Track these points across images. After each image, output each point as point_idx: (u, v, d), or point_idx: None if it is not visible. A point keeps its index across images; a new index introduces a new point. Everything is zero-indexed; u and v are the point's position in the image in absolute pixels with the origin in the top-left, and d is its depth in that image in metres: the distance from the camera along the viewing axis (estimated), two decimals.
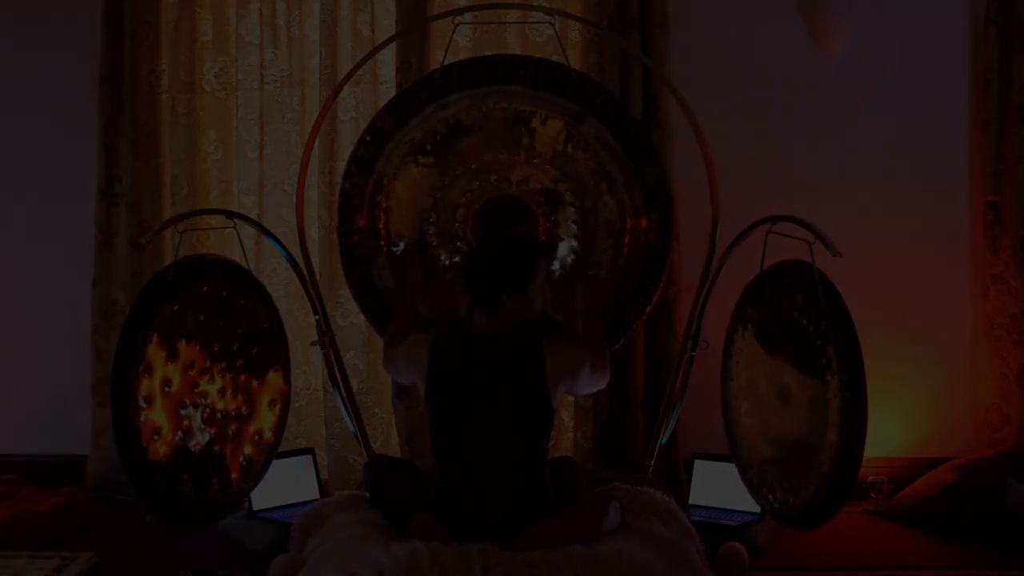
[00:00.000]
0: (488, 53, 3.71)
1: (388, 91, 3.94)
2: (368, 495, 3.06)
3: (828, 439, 2.89)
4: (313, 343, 3.55)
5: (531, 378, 2.85)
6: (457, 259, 3.45)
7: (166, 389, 3.08)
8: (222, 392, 3.23)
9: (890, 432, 3.94)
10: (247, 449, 3.29)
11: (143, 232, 3.93)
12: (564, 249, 3.46)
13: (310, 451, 3.71)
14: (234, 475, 3.25)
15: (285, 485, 3.56)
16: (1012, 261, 3.91)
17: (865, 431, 2.84)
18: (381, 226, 3.47)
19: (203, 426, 3.17)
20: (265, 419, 3.34)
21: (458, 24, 3.55)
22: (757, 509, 3.34)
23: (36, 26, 4.16)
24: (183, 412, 3.13)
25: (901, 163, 4.01)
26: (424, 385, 2.92)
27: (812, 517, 2.98)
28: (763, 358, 3.19)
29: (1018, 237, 3.90)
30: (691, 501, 3.56)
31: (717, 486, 3.54)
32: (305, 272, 3.54)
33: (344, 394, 3.54)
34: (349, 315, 3.95)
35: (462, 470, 2.85)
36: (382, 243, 3.47)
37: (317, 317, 3.53)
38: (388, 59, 3.97)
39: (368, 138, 3.46)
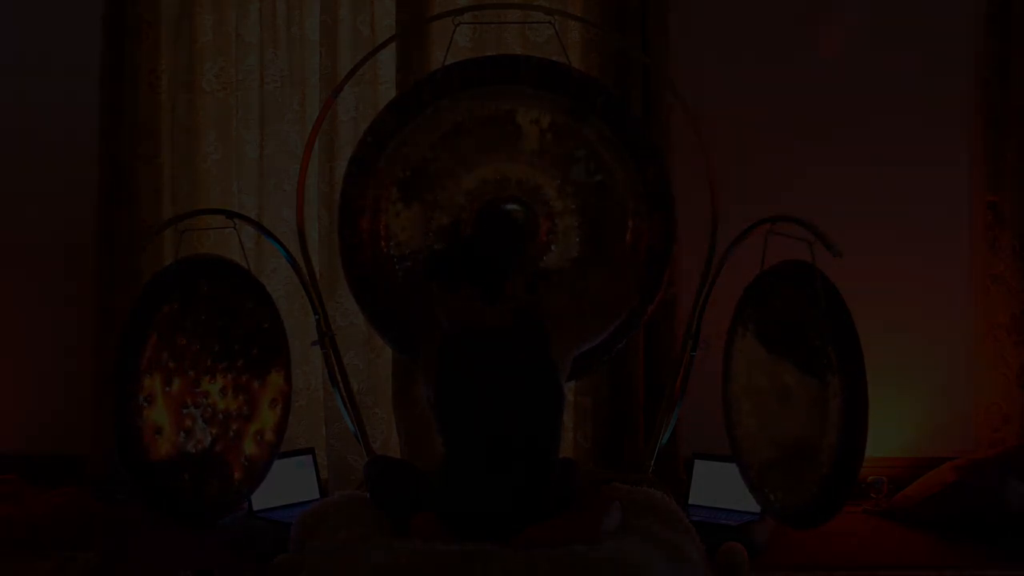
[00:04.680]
0: (488, 53, 3.71)
1: (388, 91, 3.95)
2: (368, 495, 3.06)
3: (829, 439, 2.89)
4: (313, 343, 3.55)
5: (542, 364, 2.88)
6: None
7: (167, 389, 3.08)
8: (223, 392, 3.23)
9: (890, 432, 3.94)
10: (248, 449, 3.29)
11: (143, 232, 3.93)
12: (568, 250, 3.46)
13: (310, 451, 3.71)
14: (236, 475, 3.25)
15: (285, 485, 3.55)
16: (1012, 261, 3.91)
17: (866, 431, 2.84)
18: (382, 227, 3.47)
19: (204, 426, 3.17)
20: (266, 419, 3.34)
21: (458, 24, 3.55)
22: (757, 509, 3.34)
23: (36, 26, 4.16)
24: (184, 412, 3.12)
25: (901, 163, 4.01)
26: (434, 388, 2.92)
27: (813, 517, 2.98)
28: (763, 358, 3.19)
29: (1018, 237, 3.90)
30: (691, 501, 3.56)
31: (717, 486, 3.54)
32: (305, 272, 3.54)
33: (344, 394, 3.54)
34: (349, 315, 3.95)
35: (480, 466, 2.85)
36: (383, 243, 3.46)
37: (317, 317, 3.53)
38: (388, 59, 3.96)
39: (369, 139, 3.46)
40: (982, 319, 3.99)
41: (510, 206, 3.43)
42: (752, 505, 3.33)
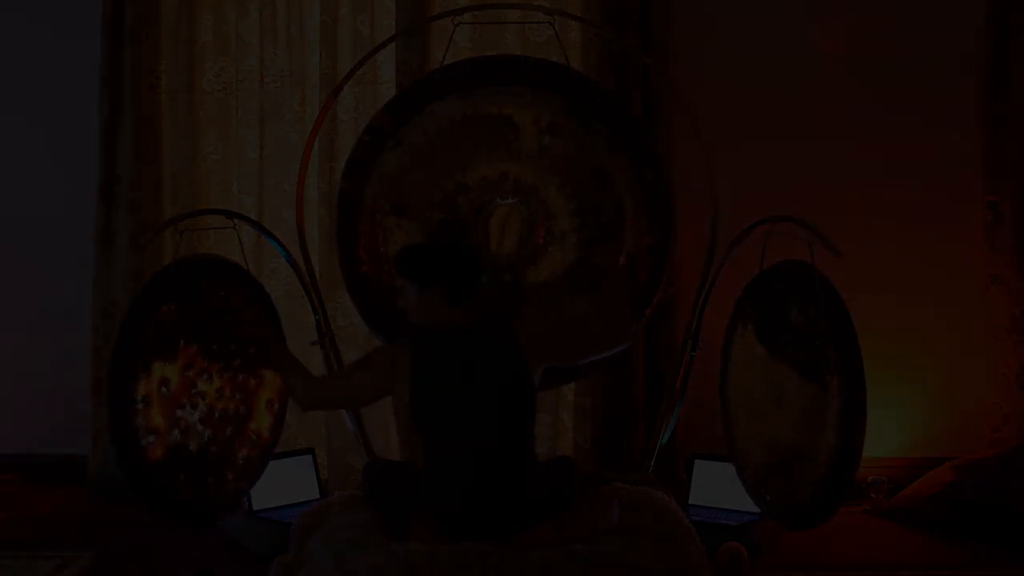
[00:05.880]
0: (488, 53, 3.71)
1: (388, 91, 3.94)
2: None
3: (827, 440, 2.89)
4: (313, 343, 3.55)
5: (513, 362, 2.88)
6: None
7: (163, 390, 3.08)
8: (220, 392, 3.22)
9: (890, 432, 3.94)
10: (244, 449, 3.28)
11: (143, 232, 3.93)
12: (567, 251, 3.47)
13: (310, 451, 3.71)
14: (231, 475, 3.25)
15: (285, 485, 3.56)
16: (1012, 261, 3.91)
17: (864, 432, 2.84)
18: (380, 227, 3.47)
19: (200, 426, 3.16)
20: (263, 419, 3.33)
21: (458, 24, 3.55)
22: (757, 509, 3.34)
23: (37, 25, 4.16)
24: (180, 412, 3.12)
25: (901, 163, 4.01)
26: (408, 393, 2.91)
27: (809, 518, 2.98)
28: (762, 358, 3.19)
29: (1018, 237, 3.90)
30: (691, 501, 3.56)
31: (717, 486, 3.54)
32: (305, 272, 3.54)
33: None
34: (349, 315, 3.95)
35: (459, 466, 2.85)
36: (380, 244, 3.46)
37: (317, 317, 3.53)
38: (388, 59, 3.97)
39: (367, 138, 3.46)
40: (982, 319, 3.98)
41: (508, 200, 3.43)
42: (752, 505, 3.33)
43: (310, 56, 4.07)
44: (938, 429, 4.02)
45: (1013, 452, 3.73)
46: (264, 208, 4.08)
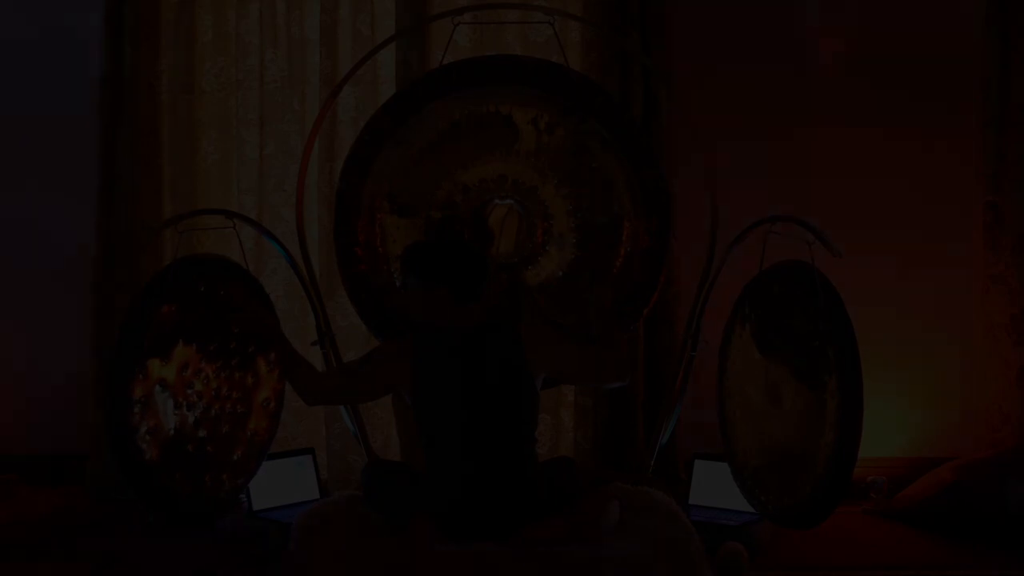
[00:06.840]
0: (488, 53, 3.71)
1: (388, 91, 3.94)
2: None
3: (824, 439, 2.89)
4: (313, 343, 3.55)
5: (516, 364, 2.88)
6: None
7: (162, 390, 3.08)
8: (217, 392, 3.22)
9: (890, 432, 3.94)
10: (240, 448, 3.28)
11: (143, 232, 3.93)
12: (566, 251, 3.47)
13: (310, 451, 3.71)
14: (226, 474, 3.24)
15: (285, 485, 3.56)
16: (1012, 261, 3.91)
17: (860, 432, 2.84)
18: (378, 226, 3.47)
19: (197, 426, 3.16)
20: (260, 417, 3.33)
21: (458, 24, 3.55)
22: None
23: (36, 25, 4.16)
24: (178, 411, 3.12)
25: (900, 163, 4.02)
26: (409, 392, 2.91)
27: (806, 518, 2.98)
28: (761, 358, 3.19)
29: (1018, 237, 3.90)
30: (691, 501, 3.56)
31: (717, 486, 3.54)
32: (305, 272, 3.54)
33: None
34: (349, 315, 3.94)
35: (459, 466, 2.85)
36: (378, 243, 3.47)
37: (317, 317, 3.53)
38: (388, 59, 3.97)
39: (367, 138, 3.46)
40: (982, 319, 3.98)
41: (506, 201, 3.43)
42: None
43: (310, 56, 4.07)
44: (938, 429, 4.02)
45: (1013, 452, 3.74)
46: (264, 208, 4.08)
